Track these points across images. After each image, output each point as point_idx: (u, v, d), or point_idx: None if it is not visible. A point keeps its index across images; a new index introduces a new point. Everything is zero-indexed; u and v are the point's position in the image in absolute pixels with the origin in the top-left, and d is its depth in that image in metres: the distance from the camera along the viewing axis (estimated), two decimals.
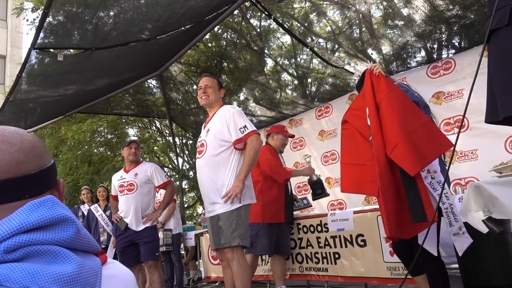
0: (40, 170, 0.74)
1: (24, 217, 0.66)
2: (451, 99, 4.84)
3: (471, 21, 4.43)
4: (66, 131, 9.97)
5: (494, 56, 1.45)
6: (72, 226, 0.70)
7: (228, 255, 3.00)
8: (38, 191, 0.73)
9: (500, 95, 1.48)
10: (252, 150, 3.02)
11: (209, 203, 3.11)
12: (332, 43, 6.59)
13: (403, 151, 2.13)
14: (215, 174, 3.07)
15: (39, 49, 3.95)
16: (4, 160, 0.70)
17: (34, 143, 0.76)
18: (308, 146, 6.65)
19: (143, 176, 4.34)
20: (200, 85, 3.32)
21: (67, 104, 6.35)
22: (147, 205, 4.34)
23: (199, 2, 4.27)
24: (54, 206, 0.70)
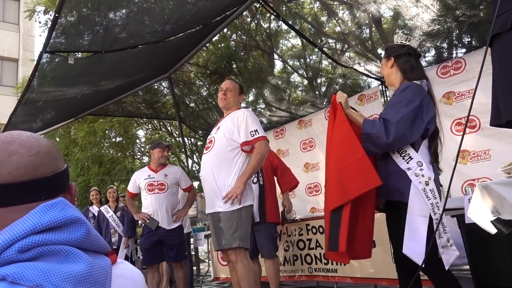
0: (55, 173, 0.77)
1: (38, 218, 0.69)
2: (462, 99, 4.79)
3: (480, 20, 4.38)
4: (77, 131, 10.09)
5: (497, 60, 1.44)
6: (83, 227, 0.73)
7: (231, 257, 3.01)
8: (52, 193, 0.76)
9: (502, 99, 1.48)
10: (258, 155, 3.03)
11: (210, 199, 3.13)
12: (342, 43, 6.57)
13: (330, 186, 2.37)
14: (218, 171, 3.08)
15: (50, 52, 4.00)
16: (22, 163, 0.73)
17: (49, 148, 0.80)
18: (319, 146, 6.64)
19: (172, 178, 4.58)
20: (222, 87, 3.38)
21: (78, 106, 6.41)
22: (175, 205, 4.61)
23: (208, 4, 4.28)
24: (65, 208, 0.73)
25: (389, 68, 2.44)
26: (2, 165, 0.72)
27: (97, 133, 9.82)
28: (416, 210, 2.11)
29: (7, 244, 0.64)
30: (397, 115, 2.18)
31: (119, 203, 6.59)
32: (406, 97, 2.23)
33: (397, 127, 2.15)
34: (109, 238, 6.21)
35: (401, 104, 2.22)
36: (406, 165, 2.20)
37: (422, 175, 2.14)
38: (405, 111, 2.17)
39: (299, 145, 6.94)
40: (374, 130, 2.24)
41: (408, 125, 2.16)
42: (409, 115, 2.16)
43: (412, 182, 2.15)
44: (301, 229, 4.64)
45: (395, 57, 2.42)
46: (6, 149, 0.74)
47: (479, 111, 4.59)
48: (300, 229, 4.64)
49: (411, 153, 2.21)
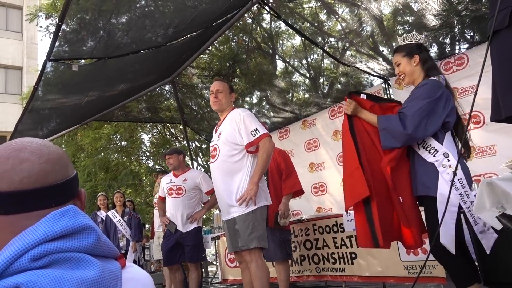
0: (65, 180, 0.78)
1: (49, 227, 0.70)
2: (466, 95, 4.78)
3: (483, 14, 4.37)
4: (83, 137, 10.15)
5: (496, 57, 1.45)
6: (93, 233, 0.74)
7: (246, 257, 3.01)
8: (63, 200, 0.77)
9: (501, 95, 1.48)
10: (265, 153, 3.02)
11: (225, 206, 3.13)
12: (343, 42, 6.57)
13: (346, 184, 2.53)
14: (229, 177, 3.09)
15: (54, 60, 4.04)
16: (34, 170, 0.74)
17: (59, 155, 0.81)
18: (324, 145, 6.64)
19: (191, 182, 4.68)
20: (212, 90, 3.33)
21: (83, 112, 6.46)
22: (193, 209, 4.67)
23: (209, 7, 4.30)
24: (76, 215, 0.74)
25: (413, 66, 2.47)
26: (14, 172, 0.73)
27: (102, 139, 9.87)
28: (445, 200, 2.14)
29: (19, 253, 0.66)
30: (413, 108, 2.26)
31: (126, 207, 6.62)
32: (422, 92, 2.30)
33: (413, 117, 2.22)
34: (117, 243, 6.24)
35: (417, 99, 2.29)
36: (433, 158, 2.26)
37: (449, 166, 2.19)
38: (421, 103, 2.25)
39: (304, 145, 6.95)
40: (390, 124, 2.32)
41: (424, 116, 2.23)
42: (424, 107, 2.23)
43: (440, 173, 2.21)
44: (307, 229, 4.64)
45: (419, 55, 2.46)
46: (18, 157, 0.75)
47: (483, 107, 4.57)
48: (307, 229, 4.65)
49: (436, 146, 2.27)
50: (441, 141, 2.27)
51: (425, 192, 2.29)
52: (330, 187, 6.49)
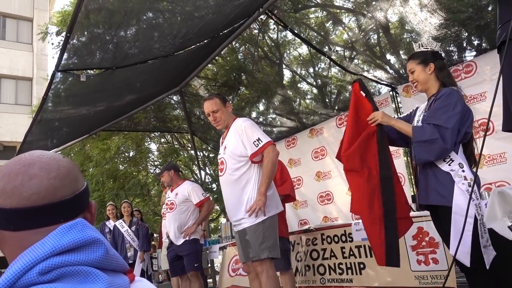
0: (74, 195, 0.78)
1: (57, 240, 0.70)
2: (474, 102, 4.74)
3: (488, 22, 4.35)
4: (92, 148, 10.21)
5: (506, 67, 1.43)
6: (102, 247, 0.74)
7: (257, 268, 3.00)
8: (72, 215, 0.77)
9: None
10: (269, 162, 3.02)
11: (235, 218, 3.12)
12: (350, 50, 6.56)
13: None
14: (238, 189, 3.09)
15: (62, 71, 4.08)
16: (42, 187, 0.74)
17: (69, 169, 0.81)
18: (330, 155, 6.61)
19: (181, 196, 4.77)
20: (207, 112, 3.30)
21: (92, 123, 6.51)
22: (185, 221, 4.75)
23: (215, 17, 4.33)
24: (84, 229, 0.74)
25: (428, 74, 2.44)
26: (23, 189, 0.73)
27: (111, 150, 9.93)
28: (462, 211, 2.11)
29: (28, 267, 0.66)
30: (450, 120, 2.21)
31: (133, 217, 6.62)
32: (453, 101, 2.26)
33: (452, 132, 2.19)
34: (124, 253, 6.23)
35: (448, 107, 2.25)
36: (449, 167, 2.23)
37: (464, 177, 2.17)
38: (456, 117, 2.21)
39: (311, 154, 6.92)
40: (426, 136, 2.26)
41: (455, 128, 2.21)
42: (457, 120, 2.21)
43: (455, 183, 2.18)
44: (315, 238, 4.60)
45: (434, 63, 2.44)
46: (27, 172, 0.75)
47: (492, 114, 4.53)
48: (315, 238, 4.61)
49: (451, 155, 2.24)
50: (456, 150, 2.25)
51: (440, 202, 2.25)
52: (336, 196, 6.45)
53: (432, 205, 2.35)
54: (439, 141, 2.18)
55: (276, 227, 3.09)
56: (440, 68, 2.43)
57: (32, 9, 20.34)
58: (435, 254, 3.53)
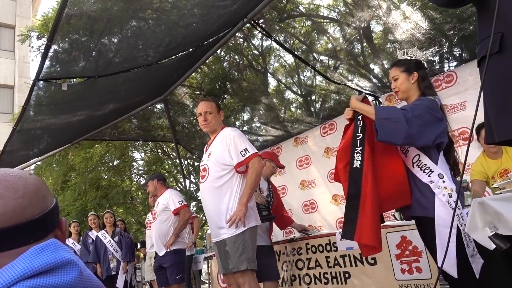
0: (43, 214, 0.75)
1: (28, 263, 0.66)
2: (455, 111, 4.82)
3: (470, 33, 4.44)
4: (74, 157, 10.06)
5: (487, 81, 1.46)
6: (75, 268, 0.71)
7: (239, 279, 2.98)
8: (42, 235, 0.74)
9: (493, 119, 1.49)
10: (254, 173, 3.01)
11: (215, 227, 3.09)
12: (334, 59, 6.62)
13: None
14: (218, 198, 3.06)
15: (43, 80, 4.02)
16: (8, 207, 0.71)
17: (37, 186, 0.77)
18: (314, 163, 6.63)
19: (161, 204, 4.72)
20: (200, 112, 3.29)
21: (74, 132, 6.41)
22: (167, 231, 4.65)
23: (200, 26, 4.32)
24: (57, 250, 0.71)
25: (410, 83, 2.44)
26: None
27: (93, 159, 9.80)
28: (444, 223, 2.12)
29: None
30: (416, 109, 2.20)
31: (116, 227, 6.53)
32: (421, 104, 2.26)
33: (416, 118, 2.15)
34: (107, 264, 6.13)
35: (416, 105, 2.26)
36: (428, 179, 2.23)
37: (444, 187, 2.17)
38: (421, 110, 2.20)
39: (296, 163, 6.94)
40: (392, 115, 2.19)
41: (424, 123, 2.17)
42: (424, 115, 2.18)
43: (436, 195, 2.18)
44: (300, 248, 4.59)
45: (418, 72, 2.45)
46: None
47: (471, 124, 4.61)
48: (300, 248, 4.60)
49: (431, 166, 2.24)
50: (436, 161, 2.25)
51: (423, 213, 2.25)
52: (320, 205, 6.47)
53: (414, 216, 2.36)
54: (403, 121, 2.12)
55: (255, 240, 3.07)
56: (422, 78, 2.44)
57: (15, 16, 20.09)
58: (419, 263, 3.55)
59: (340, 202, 6.16)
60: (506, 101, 1.41)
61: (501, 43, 1.41)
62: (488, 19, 1.45)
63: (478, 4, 1.56)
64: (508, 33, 1.39)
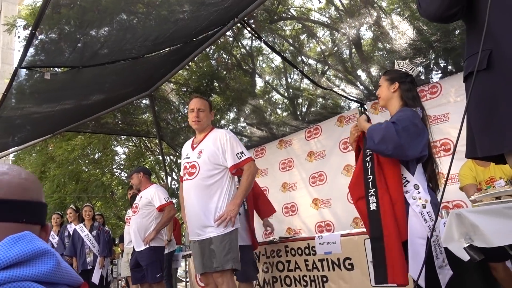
0: (39, 202, 0.82)
1: (4, 253, 0.65)
2: (437, 122, 4.90)
3: (454, 46, 4.52)
4: (55, 148, 9.90)
5: (472, 97, 1.48)
6: (52, 259, 0.70)
7: (218, 279, 2.98)
8: (35, 220, 0.78)
9: (477, 135, 1.52)
10: (250, 176, 3.09)
11: (199, 226, 3.07)
12: (322, 64, 6.67)
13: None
14: (206, 197, 3.06)
15: (26, 68, 3.94)
16: (13, 183, 0.78)
17: (36, 179, 0.85)
18: (297, 166, 6.66)
19: (144, 199, 4.64)
20: (192, 108, 3.27)
21: (57, 122, 6.31)
22: (147, 226, 4.57)
23: (189, 23, 4.30)
24: (33, 240, 0.70)
25: (391, 92, 2.50)
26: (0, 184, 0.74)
27: (75, 151, 9.64)
28: (415, 232, 2.17)
29: None
30: (402, 121, 2.24)
31: (95, 221, 6.45)
32: (404, 116, 2.29)
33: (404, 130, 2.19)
34: (84, 258, 6.05)
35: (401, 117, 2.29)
36: (404, 189, 2.26)
37: (419, 198, 2.20)
38: (407, 122, 2.23)
39: (278, 165, 6.95)
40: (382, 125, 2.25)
41: (411, 135, 2.20)
42: (411, 127, 2.22)
43: (410, 205, 2.22)
44: (280, 250, 4.61)
45: (400, 83, 2.48)
46: (1, 172, 0.78)
47: (453, 135, 4.69)
48: (279, 250, 4.61)
49: (407, 177, 2.28)
50: (413, 172, 2.28)
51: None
52: (300, 208, 6.49)
53: None
54: (393, 130, 2.17)
55: (237, 241, 3.10)
56: (405, 90, 2.48)
57: (1, 2, 19.67)
58: None
59: (320, 207, 6.20)
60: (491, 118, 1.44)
61: (489, 60, 1.44)
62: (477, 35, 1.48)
63: (468, 20, 1.58)
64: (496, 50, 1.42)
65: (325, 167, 6.21)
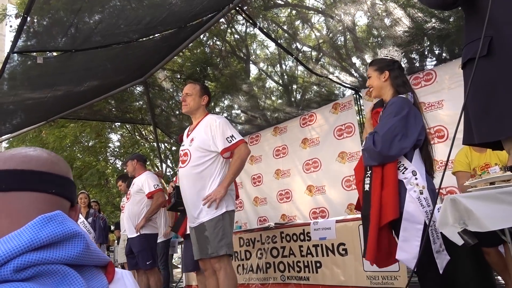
0: (67, 177, 0.84)
1: (35, 233, 0.65)
2: (432, 109, 4.92)
3: (448, 33, 4.52)
4: (48, 135, 9.83)
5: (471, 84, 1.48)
6: (81, 242, 0.70)
7: (215, 265, 3.00)
8: (64, 193, 0.81)
9: (475, 121, 1.52)
10: (238, 159, 3.06)
11: (193, 212, 3.09)
12: (317, 51, 6.65)
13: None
14: (198, 183, 3.07)
15: (18, 53, 3.89)
16: (42, 157, 0.81)
17: (64, 160, 0.88)
18: (291, 154, 6.67)
19: (136, 186, 4.67)
20: (183, 93, 3.33)
21: (50, 109, 6.25)
22: (138, 213, 4.59)
23: (184, 6, 4.25)
24: (64, 221, 0.70)
25: (382, 81, 2.52)
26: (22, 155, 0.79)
27: (68, 138, 9.59)
28: (411, 218, 2.21)
29: (1, 262, 0.61)
30: (384, 126, 2.30)
31: (90, 208, 6.45)
32: (392, 111, 2.33)
33: (383, 136, 2.25)
34: None
35: (387, 117, 2.33)
36: (402, 176, 2.29)
37: (416, 184, 2.24)
38: (391, 121, 2.28)
39: (273, 152, 6.96)
40: (366, 143, 2.36)
41: (396, 133, 2.25)
42: (396, 124, 2.26)
43: (407, 190, 2.25)
44: (275, 236, 4.64)
45: (389, 71, 2.50)
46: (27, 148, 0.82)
47: (447, 122, 4.72)
48: (274, 236, 4.65)
49: (405, 164, 2.31)
50: (410, 158, 2.31)
51: None
52: (294, 195, 6.53)
53: None
54: (371, 146, 2.29)
55: (232, 224, 3.12)
56: (395, 77, 2.50)
57: None
58: None
59: (314, 193, 6.24)
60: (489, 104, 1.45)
61: (490, 47, 1.43)
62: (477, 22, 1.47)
63: (467, 7, 1.58)
64: (496, 37, 1.42)
65: (320, 154, 6.23)
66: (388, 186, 2.30)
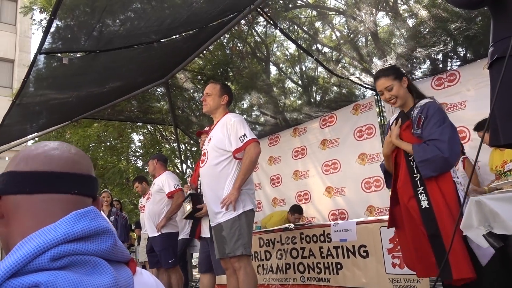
0: (90, 175, 0.86)
1: (70, 227, 0.71)
2: (454, 110, 4.84)
3: (475, 33, 4.43)
4: (72, 135, 10.04)
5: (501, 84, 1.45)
6: (111, 237, 0.75)
7: (235, 264, 3.01)
8: (86, 192, 0.83)
9: (501, 122, 1.49)
10: (248, 159, 3.02)
11: (212, 212, 3.12)
12: (337, 52, 6.60)
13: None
14: (216, 183, 3.09)
15: (45, 53, 3.99)
16: (63, 156, 0.82)
17: (85, 155, 0.89)
18: (310, 155, 6.65)
19: (156, 185, 4.71)
20: (204, 93, 3.37)
21: (74, 109, 6.39)
22: (158, 212, 4.65)
23: (203, 7, 4.29)
24: (96, 218, 0.76)
25: (404, 88, 2.46)
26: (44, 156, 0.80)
27: (91, 138, 9.77)
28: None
29: (40, 251, 0.66)
30: (444, 133, 2.23)
31: (113, 207, 6.56)
32: (440, 117, 2.28)
33: (450, 143, 2.19)
34: None
35: (438, 124, 2.27)
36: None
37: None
38: (449, 130, 2.23)
39: (291, 153, 6.95)
40: (429, 154, 2.24)
41: (456, 140, 2.24)
42: (452, 133, 2.23)
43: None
44: (294, 237, 4.63)
45: (405, 76, 2.47)
46: (49, 146, 0.84)
47: (469, 123, 4.63)
48: (294, 237, 4.64)
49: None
50: None
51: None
52: (313, 196, 6.50)
53: None
54: (440, 154, 2.19)
55: (251, 224, 3.10)
56: (409, 81, 2.48)
57: None
58: None
59: (333, 195, 6.20)
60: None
61: None
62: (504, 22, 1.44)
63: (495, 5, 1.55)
64: None
65: (339, 155, 6.19)
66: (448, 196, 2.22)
